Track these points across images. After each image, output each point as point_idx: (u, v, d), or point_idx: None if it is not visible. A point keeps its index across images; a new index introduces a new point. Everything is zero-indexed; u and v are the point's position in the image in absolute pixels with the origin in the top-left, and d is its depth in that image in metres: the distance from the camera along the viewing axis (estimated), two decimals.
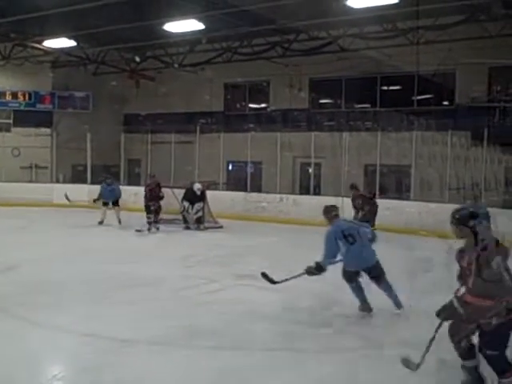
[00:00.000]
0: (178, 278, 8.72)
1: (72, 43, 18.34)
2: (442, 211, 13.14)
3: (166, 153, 20.19)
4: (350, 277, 7.02)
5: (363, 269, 6.99)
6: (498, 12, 14.23)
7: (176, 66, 20.72)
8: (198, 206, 14.88)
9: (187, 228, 14.89)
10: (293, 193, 18.71)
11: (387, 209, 15.11)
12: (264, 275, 7.25)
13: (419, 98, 18.51)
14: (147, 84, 22.54)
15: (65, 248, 11.50)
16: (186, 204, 14.92)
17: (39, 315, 6.53)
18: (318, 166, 19.02)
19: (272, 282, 7.18)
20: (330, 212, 7.16)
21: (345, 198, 16.02)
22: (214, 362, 5.29)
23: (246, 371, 5.10)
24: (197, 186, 15.04)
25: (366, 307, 7.03)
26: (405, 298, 7.05)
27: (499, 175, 15.87)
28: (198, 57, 19.97)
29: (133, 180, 21.84)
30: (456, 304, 4.15)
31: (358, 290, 7.05)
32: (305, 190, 19.06)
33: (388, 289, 7.00)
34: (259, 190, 18.80)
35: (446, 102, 18.38)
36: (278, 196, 17.37)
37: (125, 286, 8.14)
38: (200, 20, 15.18)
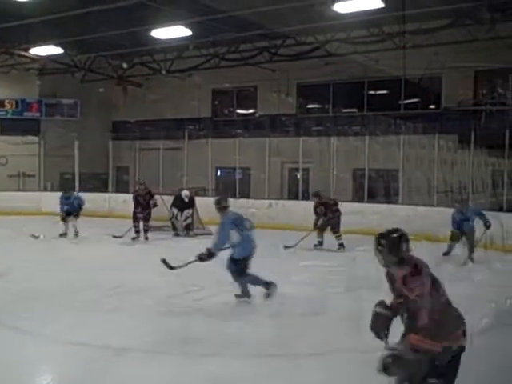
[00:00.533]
0: (167, 285, 8.69)
1: (59, 50, 18.28)
2: (431, 215, 13.25)
3: (155, 159, 20.15)
4: (241, 267, 7.58)
5: (248, 255, 7.59)
6: (483, 16, 14.36)
7: (163, 72, 20.70)
8: (186, 212, 14.86)
9: (176, 235, 14.86)
10: (281, 198, 18.72)
11: (376, 213, 15.17)
12: (163, 261, 7.69)
13: (406, 102, 18.59)
14: (135, 91, 22.51)
15: (54, 256, 11.45)
16: (175, 211, 14.90)
17: (28, 324, 6.48)
18: (306, 170, 19.04)
19: (170, 267, 7.67)
20: (221, 204, 7.97)
21: None
22: (204, 369, 5.28)
23: (238, 377, 5.10)
24: (185, 193, 15.03)
25: (247, 294, 7.68)
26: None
27: (486, 178, 15.98)
28: (186, 63, 19.96)
29: (121, 187, 21.76)
30: (402, 349, 3.50)
31: (257, 279, 7.61)
32: (293, 196, 19.09)
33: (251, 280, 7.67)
34: (248, 196, 18.78)
35: (432, 106, 18.47)
36: (267, 201, 17.38)
37: (113, 294, 8.10)
38: (187, 26, 15.20)
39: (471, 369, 4.55)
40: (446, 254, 11.05)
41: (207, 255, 7.54)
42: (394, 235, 3.76)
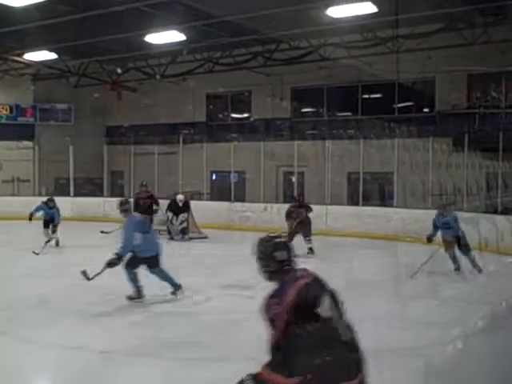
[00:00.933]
0: (161, 290, 8.68)
1: (53, 56, 18.28)
2: (426, 217, 13.29)
3: (150, 164, 20.16)
4: (137, 264, 7.85)
5: (156, 254, 7.91)
6: (476, 20, 14.44)
7: (158, 77, 20.70)
8: (182, 216, 14.87)
9: (171, 239, 14.86)
10: (277, 202, 18.75)
11: (371, 216, 15.22)
12: (83, 273, 7.79)
13: (400, 105, 18.65)
14: (129, 95, 22.50)
15: (49, 262, 11.42)
16: (170, 215, 14.90)
17: (22, 329, 6.48)
18: (301, 174, 19.07)
19: (88, 279, 7.77)
20: (124, 206, 8.12)
21: (329, 206, 16.21)
22: (200, 373, 5.28)
23: (233, 382, 5.09)
24: (179, 198, 15.04)
25: (140, 295, 7.88)
26: (391, 304, 7.10)
27: (480, 180, 16.03)
28: (180, 67, 19.99)
29: (116, 192, 21.74)
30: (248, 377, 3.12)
31: (136, 279, 7.92)
32: (289, 199, 19.08)
33: (164, 274, 8.02)
34: (243, 200, 18.80)
35: (426, 109, 18.52)
36: (263, 205, 17.40)
37: (107, 299, 8.09)
38: (181, 31, 15.22)
39: (467, 370, 4.59)
40: (457, 268, 10.20)
41: (117, 259, 7.67)
42: (268, 242, 3.27)
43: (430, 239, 10.39)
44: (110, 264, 7.66)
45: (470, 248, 10.28)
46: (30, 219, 13.56)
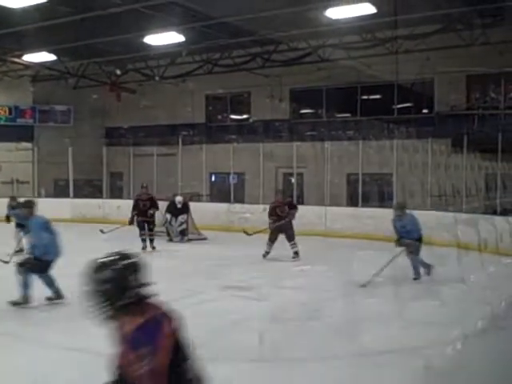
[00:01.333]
0: (161, 291, 8.66)
1: (52, 57, 18.27)
2: (425, 218, 13.30)
3: (149, 165, 20.14)
4: (46, 267, 7.69)
5: (55, 258, 7.74)
6: (474, 21, 14.46)
7: (157, 78, 20.72)
8: (181, 218, 14.86)
9: (170, 241, 14.85)
10: None
11: (370, 217, 15.21)
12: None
13: (399, 106, 18.68)
14: (129, 97, 22.49)
15: None
16: (169, 216, 14.88)
17: (25, 330, 6.48)
18: (300, 175, 19.08)
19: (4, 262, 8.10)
20: (30, 206, 8.08)
21: (328, 208, 16.21)
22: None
23: (233, 382, 5.09)
24: (178, 199, 15.02)
25: (26, 300, 7.61)
26: (390, 305, 7.09)
27: (479, 181, 16.03)
28: (179, 69, 19.99)
29: (115, 193, 21.76)
30: None
31: (28, 284, 7.64)
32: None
33: (51, 282, 7.83)
34: (242, 201, 18.80)
35: (425, 111, 18.54)
36: (262, 206, 17.38)
37: None
38: (180, 32, 15.24)
39: (467, 370, 4.59)
40: (416, 278, 9.46)
41: (29, 260, 7.65)
42: (119, 263, 2.45)
43: (397, 243, 9.65)
44: (24, 264, 7.64)
45: (417, 251, 9.57)
46: (8, 221, 13.05)
